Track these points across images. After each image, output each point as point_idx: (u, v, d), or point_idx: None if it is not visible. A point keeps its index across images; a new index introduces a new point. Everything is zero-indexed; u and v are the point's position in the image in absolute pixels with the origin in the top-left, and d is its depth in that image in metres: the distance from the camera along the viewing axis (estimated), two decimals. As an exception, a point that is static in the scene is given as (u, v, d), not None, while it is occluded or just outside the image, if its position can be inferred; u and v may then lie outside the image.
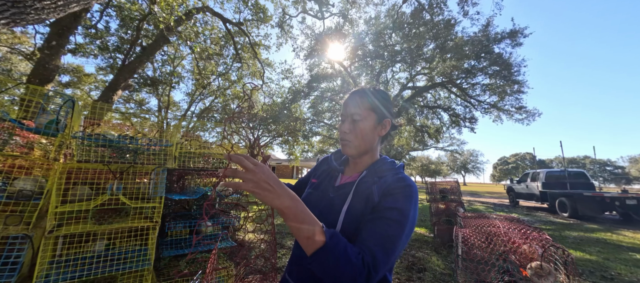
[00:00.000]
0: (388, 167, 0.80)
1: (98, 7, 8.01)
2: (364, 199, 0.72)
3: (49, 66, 4.79)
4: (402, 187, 0.70)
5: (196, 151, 2.23)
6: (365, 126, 0.79)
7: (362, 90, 0.82)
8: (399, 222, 0.65)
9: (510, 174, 71.73)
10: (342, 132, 0.81)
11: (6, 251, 1.33)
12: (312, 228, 0.58)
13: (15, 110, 3.89)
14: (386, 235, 0.62)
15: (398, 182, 0.72)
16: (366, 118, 0.79)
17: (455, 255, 1.92)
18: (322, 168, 0.95)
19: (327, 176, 0.90)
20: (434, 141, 21.02)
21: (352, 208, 0.72)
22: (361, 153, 0.83)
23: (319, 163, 1.00)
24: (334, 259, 0.56)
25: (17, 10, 1.03)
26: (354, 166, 0.88)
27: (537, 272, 1.43)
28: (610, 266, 3.81)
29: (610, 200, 8.18)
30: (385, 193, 0.70)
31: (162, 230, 2.03)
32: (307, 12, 11.57)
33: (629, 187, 11.80)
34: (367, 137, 0.80)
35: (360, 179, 0.78)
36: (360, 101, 0.79)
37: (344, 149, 0.82)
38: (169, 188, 2.25)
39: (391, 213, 0.66)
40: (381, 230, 0.63)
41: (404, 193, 0.69)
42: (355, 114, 0.79)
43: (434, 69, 12.87)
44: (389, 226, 0.64)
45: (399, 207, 0.67)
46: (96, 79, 14.05)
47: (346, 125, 0.80)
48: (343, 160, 0.94)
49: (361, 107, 0.79)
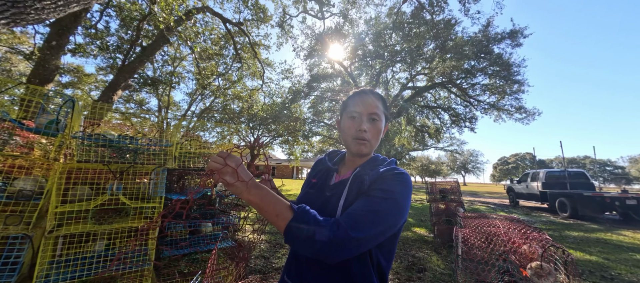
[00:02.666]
0: (381, 162, 0.82)
1: (98, 7, 8.01)
2: (356, 190, 0.73)
3: (49, 66, 4.79)
4: (393, 174, 0.71)
5: (196, 151, 2.23)
6: (381, 127, 0.81)
7: (375, 92, 0.83)
8: (383, 199, 0.65)
9: (510, 174, 71.75)
10: (361, 130, 0.78)
11: (6, 251, 1.33)
12: (281, 207, 0.62)
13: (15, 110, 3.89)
14: (367, 209, 0.64)
15: (389, 171, 0.73)
16: (381, 119, 0.81)
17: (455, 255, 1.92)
18: (319, 168, 0.95)
19: (323, 176, 0.90)
20: (434, 141, 21.05)
21: (348, 203, 0.72)
22: (370, 153, 0.84)
23: (315, 165, 1.01)
24: (305, 226, 0.59)
25: (17, 10, 1.03)
26: (349, 165, 0.88)
27: (537, 272, 1.43)
28: (610, 266, 3.81)
29: (610, 200, 8.18)
30: (375, 179, 0.72)
31: (162, 230, 2.03)
32: (307, 12, 11.58)
33: (629, 187, 11.79)
34: (379, 137, 0.82)
35: (355, 175, 0.78)
36: (377, 102, 0.80)
37: (360, 149, 0.79)
38: (169, 188, 2.25)
39: (376, 192, 0.67)
40: (362, 204, 0.65)
41: (394, 178, 0.70)
42: (375, 114, 0.79)
43: (434, 69, 12.87)
44: (370, 201, 0.65)
45: (384, 188, 0.68)
46: (96, 79, 14.06)
47: (366, 125, 0.78)
48: (337, 160, 0.95)
49: (378, 107, 0.80)
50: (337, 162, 0.94)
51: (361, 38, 12.82)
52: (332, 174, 0.90)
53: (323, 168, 0.93)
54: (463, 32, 11.88)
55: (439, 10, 10.71)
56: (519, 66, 11.42)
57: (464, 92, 13.34)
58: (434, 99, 15.71)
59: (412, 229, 5.92)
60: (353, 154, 0.85)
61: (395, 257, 3.81)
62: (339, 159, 0.96)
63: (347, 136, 0.81)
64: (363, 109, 0.79)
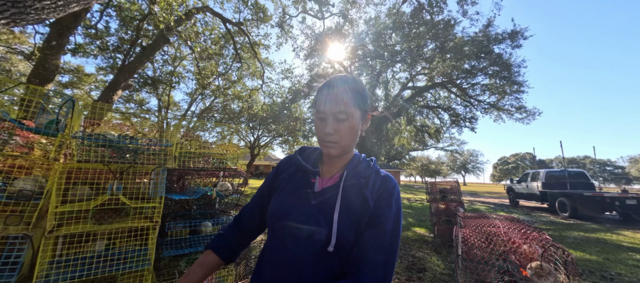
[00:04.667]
0: (366, 166, 0.77)
1: (98, 7, 8.01)
2: (358, 204, 0.68)
3: (49, 66, 4.79)
4: (391, 188, 0.71)
5: (196, 151, 2.23)
6: (352, 125, 0.69)
7: (346, 81, 0.71)
8: (395, 232, 0.67)
9: (510, 174, 71.73)
10: (325, 133, 0.69)
11: (6, 251, 1.33)
12: None
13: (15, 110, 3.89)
14: (387, 255, 0.64)
15: (385, 183, 0.72)
16: (351, 115, 0.69)
17: (455, 255, 1.92)
18: (290, 171, 0.82)
19: (300, 180, 0.77)
20: (434, 141, 21.05)
21: (345, 214, 0.66)
22: (345, 153, 0.75)
23: (282, 165, 0.87)
24: None
25: (17, 10, 1.03)
26: (330, 166, 0.79)
27: (537, 272, 1.43)
28: (610, 266, 3.81)
29: (610, 200, 8.18)
30: (379, 198, 0.70)
31: (162, 230, 2.03)
32: (307, 12, 11.58)
33: (629, 187, 11.78)
34: (354, 135, 0.71)
35: (345, 182, 0.72)
36: (347, 95, 0.68)
37: (328, 151, 0.71)
38: (169, 188, 2.25)
39: (386, 223, 0.67)
40: (380, 250, 0.64)
41: (394, 196, 0.71)
42: (340, 113, 0.68)
43: (434, 69, 12.88)
44: (384, 239, 0.65)
45: (392, 217, 0.68)
46: (96, 79, 14.06)
47: (330, 126, 0.68)
48: (315, 160, 0.82)
49: (344, 104, 0.68)
50: (316, 163, 0.82)
51: (361, 38, 12.82)
52: (311, 177, 0.77)
53: (296, 171, 0.81)
54: (463, 32, 11.90)
55: (438, 11, 10.74)
56: (519, 66, 11.43)
57: (464, 92, 13.34)
58: (434, 99, 15.72)
59: (412, 229, 5.92)
60: (327, 157, 0.78)
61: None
62: (316, 158, 0.83)
63: (318, 138, 0.73)
64: (329, 108, 0.68)
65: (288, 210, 0.71)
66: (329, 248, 0.62)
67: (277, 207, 0.73)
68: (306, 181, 0.76)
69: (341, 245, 0.63)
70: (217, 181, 2.52)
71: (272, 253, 0.71)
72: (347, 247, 0.64)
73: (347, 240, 0.64)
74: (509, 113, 12.83)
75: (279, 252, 0.69)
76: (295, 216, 0.69)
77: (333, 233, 0.63)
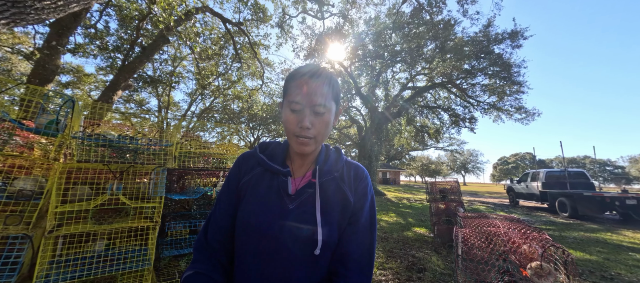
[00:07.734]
0: (336, 157, 0.74)
1: (98, 7, 8.02)
2: (338, 201, 0.66)
3: (49, 66, 4.79)
4: (365, 178, 0.73)
5: (196, 151, 2.23)
6: (328, 119, 0.64)
7: (323, 74, 0.64)
8: (372, 226, 0.70)
9: (510, 174, 71.78)
10: (302, 127, 0.61)
11: (6, 251, 1.33)
12: None
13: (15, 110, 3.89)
14: (369, 250, 0.67)
15: (358, 173, 0.74)
16: (329, 110, 0.64)
17: (455, 255, 1.92)
18: (254, 173, 0.71)
19: (270, 183, 0.68)
20: (434, 141, 21.05)
21: (327, 214, 0.63)
22: (318, 149, 0.70)
23: (242, 165, 0.74)
24: None
25: (17, 10, 1.03)
26: (300, 163, 0.72)
27: (537, 272, 1.43)
28: (610, 266, 3.81)
29: (610, 200, 8.18)
30: (356, 191, 0.71)
31: (162, 230, 2.03)
32: (307, 12, 11.59)
33: (629, 187, 11.79)
34: (328, 131, 0.66)
35: (320, 178, 0.68)
36: (325, 87, 0.63)
37: (302, 149, 0.64)
38: (169, 188, 2.25)
39: (364, 218, 0.68)
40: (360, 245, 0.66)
41: (369, 185, 0.73)
42: (320, 106, 0.62)
43: (434, 69, 12.89)
44: (364, 236, 0.67)
45: (369, 210, 0.70)
46: (96, 79, 14.07)
47: (307, 119, 0.61)
48: (282, 158, 0.73)
49: (325, 96, 0.62)
50: (284, 161, 0.73)
51: (361, 38, 12.83)
52: (281, 178, 0.68)
53: (261, 171, 0.71)
54: (463, 32, 11.92)
55: (438, 11, 10.76)
56: (519, 67, 11.45)
57: (464, 92, 13.36)
58: (434, 99, 15.73)
59: (412, 229, 5.92)
60: (296, 153, 0.71)
61: (396, 257, 3.81)
62: (283, 155, 0.73)
63: (289, 132, 0.65)
64: (306, 100, 0.61)
65: (263, 220, 0.62)
66: (316, 251, 0.60)
67: (247, 217, 0.64)
68: (277, 183, 0.67)
69: (328, 245, 0.62)
70: (217, 181, 2.53)
71: (254, 271, 0.61)
72: (333, 246, 0.64)
73: (333, 240, 0.63)
74: (508, 113, 12.86)
75: (260, 267, 0.61)
76: (273, 226, 0.61)
77: (318, 235, 0.60)
